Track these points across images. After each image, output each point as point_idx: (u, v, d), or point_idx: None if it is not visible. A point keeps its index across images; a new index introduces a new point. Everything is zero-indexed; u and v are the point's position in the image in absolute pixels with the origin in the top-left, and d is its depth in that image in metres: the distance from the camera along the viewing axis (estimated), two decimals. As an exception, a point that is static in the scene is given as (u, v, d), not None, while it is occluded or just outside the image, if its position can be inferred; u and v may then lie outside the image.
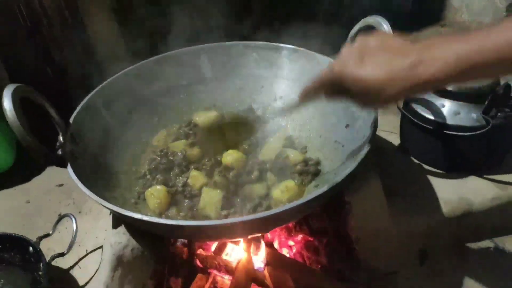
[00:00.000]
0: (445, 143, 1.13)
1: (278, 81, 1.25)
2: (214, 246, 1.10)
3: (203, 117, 1.21)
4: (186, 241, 1.11)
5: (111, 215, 0.93)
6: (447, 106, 1.12)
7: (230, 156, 1.04)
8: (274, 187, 1.01)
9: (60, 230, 1.16)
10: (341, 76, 0.67)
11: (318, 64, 1.14)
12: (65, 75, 1.50)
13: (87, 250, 1.12)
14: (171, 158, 1.09)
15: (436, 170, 1.21)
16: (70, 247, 1.03)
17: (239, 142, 1.09)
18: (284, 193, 0.97)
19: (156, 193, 0.97)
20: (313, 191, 0.98)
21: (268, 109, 1.26)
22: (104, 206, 0.77)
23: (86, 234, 1.16)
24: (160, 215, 0.96)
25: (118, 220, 0.91)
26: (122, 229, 0.90)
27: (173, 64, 1.24)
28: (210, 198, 0.95)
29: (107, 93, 1.10)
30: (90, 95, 1.06)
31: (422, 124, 1.13)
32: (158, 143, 1.16)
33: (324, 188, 0.75)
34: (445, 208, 1.11)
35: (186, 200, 0.99)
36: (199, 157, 1.10)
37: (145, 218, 0.71)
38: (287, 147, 1.13)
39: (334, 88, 0.72)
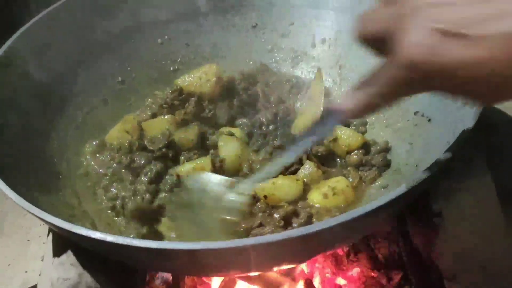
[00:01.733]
0: None
1: (318, 13, 1.25)
2: (216, 285, 1.12)
3: (195, 80, 1.22)
4: (171, 277, 1.13)
5: (51, 235, 0.94)
6: None
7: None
8: (313, 186, 1.03)
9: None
10: (431, 67, 0.66)
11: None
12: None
13: (11, 293, 1.15)
14: (149, 145, 1.11)
15: None
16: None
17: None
18: (329, 198, 0.98)
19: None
20: (378, 196, 0.99)
21: (303, 60, 1.27)
22: (39, 219, 0.78)
23: (9, 266, 1.18)
24: (140, 235, 0.98)
25: (62, 244, 0.92)
26: (68, 257, 0.91)
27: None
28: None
29: (36, 38, 1.11)
30: (9, 41, 1.07)
31: None
32: (125, 123, 1.18)
33: (399, 191, 0.74)
34: None
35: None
36: (193, 141, 1.12)
37: (109, 238, 0.72)
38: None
39: (416, 87, 0.72)
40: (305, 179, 1.04)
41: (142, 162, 1.08)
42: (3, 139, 0.96)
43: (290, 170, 1.06)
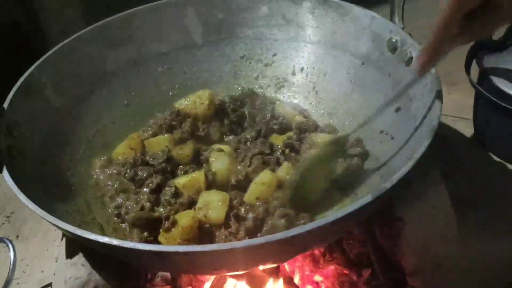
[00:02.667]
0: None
1: (297, 45, 1.26)
2: (209, 282, 1.11)
3: (190, 103, 1.22)
4: (169, 275, 1.13)
5: (64, 239, 0.94)
6: (542, 80, 1.12)
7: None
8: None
9: (-10, 261, 1.17)
10: None
11: (356, 20, 1.15)
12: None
13: (30, 290, 1.14)
14: (151, 160, 1.11)
15: (527, 172, 1.21)
16: (5, 285, 1.04)
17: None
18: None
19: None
20: (349, 203, 1.00)
21: (284, 86, 1.28)
22: (54, 225, 0.78)
23: (28, 266, 1.18)
24: (143, 239, 0.98)
25: (74, 247, 0.92)
26: (80, 258, 0.91)
27: (149, 23, 1.25)
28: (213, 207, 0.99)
29: (54, 66, 1.11)
30: (30, 69, 1.07)
31: (505, 105, 1.13)
32: (130, 140, 1.18)
33: (366, 199, 0.75)
34: (541, 226, 1.11)
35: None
36: (189, 157, 1.12)
37: (115, 242, 0.72)
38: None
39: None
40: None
41: (145, 175, 1.08)
42: (26, 157, 0.96)
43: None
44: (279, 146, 1.13)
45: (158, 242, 0.96)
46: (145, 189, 1.06)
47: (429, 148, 0.82)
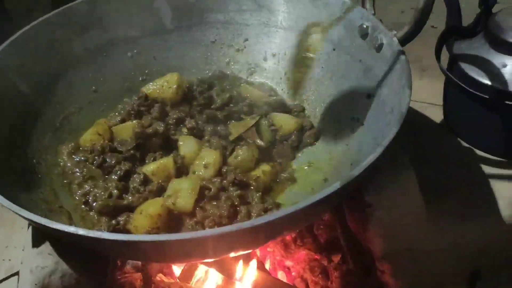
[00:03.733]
0: (507, 119, 1.15)
1: (269, 31, 1.25)
2: (179, 269, 1.11)
3: (158, 87, 1.20)
4: (140, 263, 1.12)
5: (31, 228, 0.92)
6: (510, 66, 1.13)
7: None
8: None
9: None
10: None
11: (327, 5, 1.14)
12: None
13: (-4, 279, 1.12)
14: (119, 146, 1.09)
15: (494, 158, 1.22)
16: (-29, 274, 1.03)
17: None
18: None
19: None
20: (319, 190, 1.00)
21: (256, 71, 1.27)
22: (18, 214, 0.77)
23: (-6, 255, 1.16)
24: (111, 228, 0.97)
25: (40, 235, 0.90)
26: (46, 247, 0.89)
27: (117, 7, 1.23)
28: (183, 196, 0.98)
29: (20, 51, 1.09)
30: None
31: (475, 92, 1.14)
32: (97, 126, 1.16)
33: (335, 185, 0.75)
34: (507, 212, 1.13)
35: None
36: (157, 143, 1.10)
37: (81, 232, 0.71)
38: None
39: None
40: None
41: (113, 162, 1.06)
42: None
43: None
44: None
45: (127, 230, 0.95)
46: (113, 176, 1.05)
47: (397, 135, 0.83)
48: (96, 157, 1.08)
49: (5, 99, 1.04)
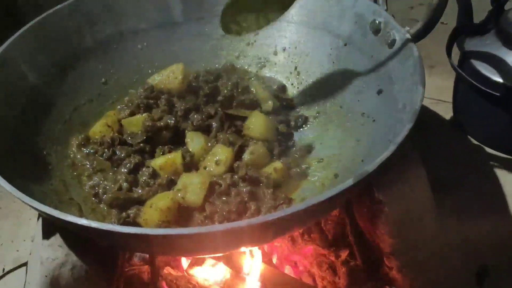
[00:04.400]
0: (518, 116, 1.15)
1: (280, 25, 1.25)
2: (186, 262, 1.11)
3: (164, 78, 1.20)
4: (147, 255, 1.12)
5: (40, 219, 0.92)
6: (521, 64, 1.12)
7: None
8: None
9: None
10: None
11: (339, 1, 1.14)
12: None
13: (4, 269, 1.12)
14: (129, 139, 1.09)
15: (504, 156, 1.22)
16: (-20, 264, 1.03)
17: None
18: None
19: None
20: (330, 186, 0.99)
21: (266, 66, 1.27)
22: (30, 206, 0.77)
23: (1, 246, 1.17)
24: (121, 220, 0.96)
25: (51, 227, 0.90)
26: (57, 239, 0.89)
27: (128, -1, 1.23)
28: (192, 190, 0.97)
29: (31, 42, 1.09)
30: (5, 45, 1.05)
31: (485, 89, 1.14)
32: (106, 118, 1.15)
33: (348, 182, 0.75)
34: (515, 209, 1.13)
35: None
36: (167, 136, 1.10)
37: (94, 225, 0.71)
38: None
39: None
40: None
41: (122, 155, 1.06)
42: (0, 136, 0.95)
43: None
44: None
45: (137, 223, 0.95)
46: (123, 169, 1.05)
47: (410, 132, 0.82)
48: (106, 150, 1.08)
49: (16, 90, 1.05)
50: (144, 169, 1.04)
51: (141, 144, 1.08)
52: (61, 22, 1.16)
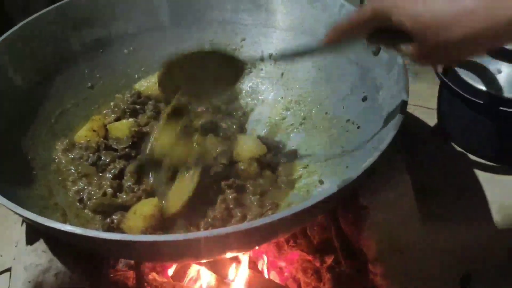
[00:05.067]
0: (501, 124, 1.15)
1: (266, 31, 1.25)
2: (172, 268, 1.11)
3: (152, 84, 1.19)
4: (132, 261, 1.11)
5: (24, 224, 0.92)
6: (505, 73, 1.13)
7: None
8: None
9: None
10: (390, 11, 0.70)
11: (327, 7, 1.14)
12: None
13: (-13, 275, 1.11)
14: (114, 144, 1.09)
15: (487, 163, 1.23)
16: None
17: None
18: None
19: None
20: (315, 192, 1.00)
21: (252, 71, 1.27)
22: (13, 211, 0.76)
23: (-15, 251, 1.15)
24: (105, 226, 0.96)
25: (35, 232, 0.90)
26: (41, 245, 0.89)
27: (115, 3, 1.22)
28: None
29: (16, 46, 1.09)
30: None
31: (469, 98, 1.14)
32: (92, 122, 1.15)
33: (332, 189, 0.75)
34: (498, 216, 1.13)
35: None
36: None
37: (78, 231, 0.71)
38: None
39: (379, 29, 0.75)
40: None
41: (108, 160, 1.06)
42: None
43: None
44: None
45: (121, 230, 0.95)
46: (108, 175, 1.04)
47: (395, 138, 0.83)
48: (91, 155, 1.07)
49: (1, 94, 1.04)
50: (128, 174, 1.04)
51: (127, 149, 1.07)
52: (47, 26, 1.15)
